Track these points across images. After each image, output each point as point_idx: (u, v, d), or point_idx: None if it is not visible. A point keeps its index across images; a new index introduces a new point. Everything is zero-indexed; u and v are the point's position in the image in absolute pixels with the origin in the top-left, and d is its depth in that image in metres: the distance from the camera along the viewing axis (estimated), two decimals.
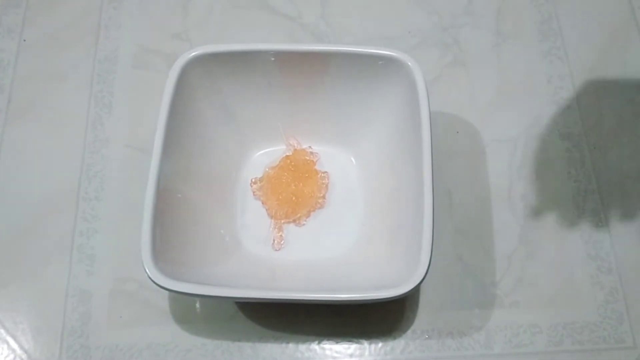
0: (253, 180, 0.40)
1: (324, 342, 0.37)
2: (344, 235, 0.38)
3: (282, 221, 0.39)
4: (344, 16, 0.47)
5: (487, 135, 0.43)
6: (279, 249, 0.38)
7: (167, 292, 0.33)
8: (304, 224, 0.39)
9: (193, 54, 0.36)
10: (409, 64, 0.35)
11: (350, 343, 0.37)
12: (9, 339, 0.37)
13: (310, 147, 0.41)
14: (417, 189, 0.33)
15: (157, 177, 0.33)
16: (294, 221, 0.39)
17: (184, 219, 0.35)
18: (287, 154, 0.40)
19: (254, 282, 0.35)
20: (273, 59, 0.37)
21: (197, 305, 0.38)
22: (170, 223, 0.34)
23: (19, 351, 0.37)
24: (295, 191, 0.39)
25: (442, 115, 0.43)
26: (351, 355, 0.36)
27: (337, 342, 0.37)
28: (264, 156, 0.41)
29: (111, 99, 0.44)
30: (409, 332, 0.37)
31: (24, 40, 0.47)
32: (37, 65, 0.46)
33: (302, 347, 0.37)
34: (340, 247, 0.38)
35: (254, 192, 0.40)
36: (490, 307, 0.37)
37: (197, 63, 0.36)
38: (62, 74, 0.45)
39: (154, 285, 0.31)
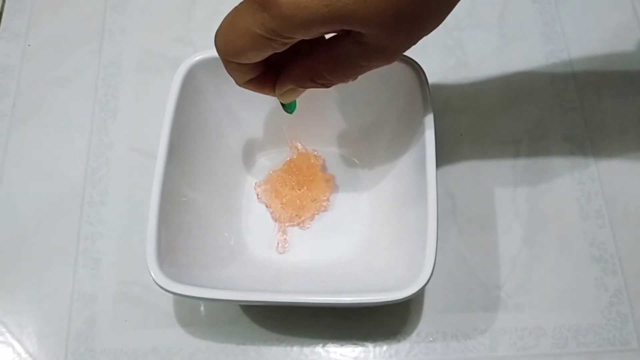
0: (257, 183, 0.40)
1: (329, 345, 0.37)
2: (349, 238, 0.38)
3: (287, 224, 0.39)
4: None
5: (491, 137, 0.43)
6: (283, 252, 0.38)
7: (171, 295, 0.33)
8: (308, 227, 0.39)
9: (197, 58, 0.36)
10: (412, 66, 0.35)
11: (355, 346, 0.37)
12: (14, 342, 0.37)
13: (314, 150, 0.41)
14: (421, 191, 0.33)
15: (162, 180, 0.33)
16: (298, 224, 0.39)
17: (188, 222, 0.35)
18: (291, 157, 0.41)
19: (258, 285, 0.36)
20: None
21: (202, 308, 0.38)
22: (175, 226, 0.34)
23: (24, 355, 0.37)
24: (300, 194, 0.39)
25: (445, 118, 0.43)
26: (356, 358, 0.36)
27: (341, 345, 0.37)
28: (268, 159, 0.41)
29: (116, 103, 0.44)
30: (414, 334, 0.37)
31: (29, 45, 0.47)
32: (42, 69, 0.46)
33: (307, 350, 0.37)
34: (345, 250, 0.38)
35: (257, 195, 0.40)
36: (494, 310, 0.37)
37: (202, 67, 0.36)
38: (67, 78, 0.45)
39: (159, 288, 0.31)
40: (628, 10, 0.47)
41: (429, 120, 0.34)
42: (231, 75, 0.29)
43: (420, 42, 0.27)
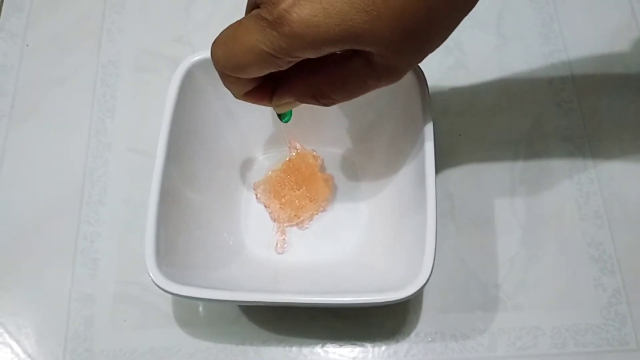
0: (256, 183, 0.40)
1: (327, 345, 0.37)
2: (347, 238, 0.38)
3: (285, 224, 0.39)
4: None
5: (489, 137, 0.43)
6: (282, 252, 0.38)
7: (170, 295, 0.33)
8: (307, 227, 0.39)
9: (196, 57, 0.36)
10: None
11: (354, 346, 0.37)
12: (13, 343, 0.37)
13: (313, 150, 0.41)
14: (419, 192, 0.33)
15: (160, 180, 0.33)
16: (297, 224, 0.39)
17: (187, 222, 0.35)
18: (290, 157, 0.41)
19: (257, 286, 0.36)
20: None
21: (201, 308, 0.38)
22: (174, 226, 0.34)
23: (22, 355, 0.37)
24: (298, 194, 0.39)
25: (443, 118, 0.43)
26: (354, 359, 0.36)
27: (340, 345, 0.37)
28: (266, 159, 0.41)
29: (114, 102, 0.44)
30: (412, 335, 0.37)
31: (27, 45, 0.47)
32: (40, 69, 0.46)
33: (306, 350, 0.37)
34: (344, 250, 0.38)
35: (256, 196, 0.40)
36: (493, 310, 0.37)
37: (200, 67, 0.36)
38: (65, 78, 0.45)
39: (158, 288, 0.31)
40: (626, 10, 0.47)
41: (428, 120, 0.34)
42: (228, 88, 0.29)
43: None
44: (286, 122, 0.33)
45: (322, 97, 0.28)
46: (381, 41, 0.24)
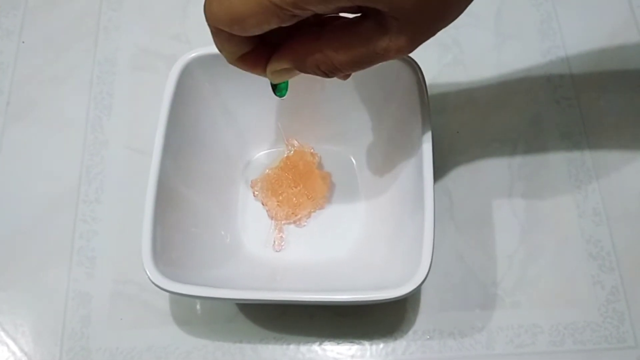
0: (253, 181, 0.40)
1: (325, 343, 0.37)
2: (345, 236, 0.38)
3: (283, 222, 0.39)
4: None
5: (487, 134, 0.42)
6: (279, 250, 0.38)
7: (167, 294, 0.32)
8: (304, 225, 0.39)
9: (193, 55, 0.36)
10: (409, 63, 0.35)
11: (352, 344, 0.37)
12: (9, 341, 0.37)
13: (310, 147, 0.41)
14: (417, 189, 0.33)
15: (157, 178, 0.33)
16: (295, 222, 0.39)
17: (184, 220, 0.35)
18: (288, 154, 0.40)
19: (254, 284, 0.35)
20: None
21: (198, 306, 0.38)
22: (171, 224, 0.34)
23: (19, 354, 0.37)
24: (296, 192, 0.39)
25: (441, 115, 0.43)
26: (352, 356, 0.36)
27: (338, 343, 0.37)
28: (264, 157, 0.41)
29: (111, 100, 0.44)
30: (410, 332, 0.37)
31: (23, 42, 0.47)
32: (36, 67, 0.46)
33: (303, 348, 0.37)
34: (341, 248, 0.38)
35: (254, 194, 0.40)
36: (491, 308, 0.37)
37: (197, 64, 0.36)
38: (62, 75, 0.45)
39: (155, 287, 0.31)
40: (625, 7, 0.47)
41: (426, 117, 0.34)
42: (221, 49, 0.26)
43: None
44: (281, 96, 0.31)
45: (325, 64, 0.25)
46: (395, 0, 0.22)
